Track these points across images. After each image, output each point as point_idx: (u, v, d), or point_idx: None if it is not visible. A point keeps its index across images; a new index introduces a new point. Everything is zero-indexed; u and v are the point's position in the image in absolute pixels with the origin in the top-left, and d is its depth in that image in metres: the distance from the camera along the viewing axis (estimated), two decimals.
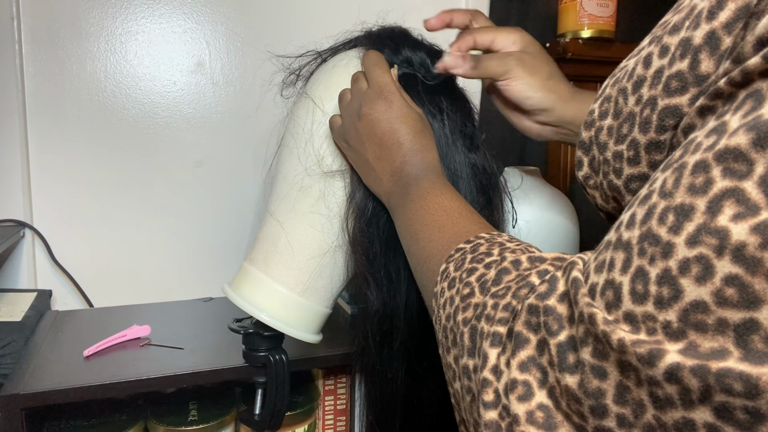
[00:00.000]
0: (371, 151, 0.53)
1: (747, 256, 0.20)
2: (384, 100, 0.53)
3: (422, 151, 0.52)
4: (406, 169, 0.51)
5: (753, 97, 0.22)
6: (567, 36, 1.13)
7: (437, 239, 0.44)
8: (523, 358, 0.29)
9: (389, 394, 0.62)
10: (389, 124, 0.52)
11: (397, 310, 0.59)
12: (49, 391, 0.66)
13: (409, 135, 0.52)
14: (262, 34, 1.06)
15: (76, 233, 1.00)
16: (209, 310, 0.98)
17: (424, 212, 0.46)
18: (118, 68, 0.99)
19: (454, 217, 0.45)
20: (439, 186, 0.49)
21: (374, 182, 0.54)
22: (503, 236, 0.40)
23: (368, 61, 0.57)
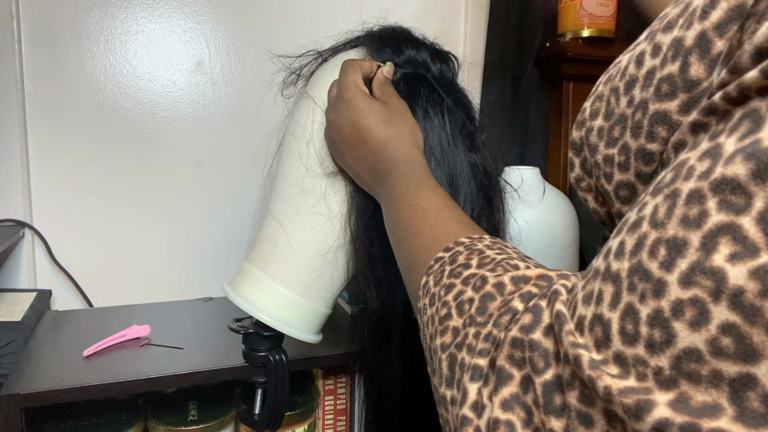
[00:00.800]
0: (347, 155, 0.53)
1: (745, 304, 0.19)
2: (342, 101, 0.53)
3: (389, 142, 0.50)
4: (379, 167, 0.50)
5: (750, 117, 0.21)
6: (567, 35, 1.13)
7: (416, 245, 0.42)
8: (506, 395, 0.27)
9: (387, 393, 0.62)
10: (350, 124, 0.52)
11: (395, 309, 0.59)
12: (49, 391, 0.66)
13: (372, 129, 0.51)
14: (262, 34, 1.06)
15: (75, 233, 1.00)
16: (209, 310, 0.98)
17: (402, 216, 0.44)
18: (117, 68, 0.99)
19: (432, 219, 0.42)
20: (413, 183, 0.46)
21: (362, 183, 0.54)
22: (484, 241, 0.38)
23: (340, 68, 0.57)
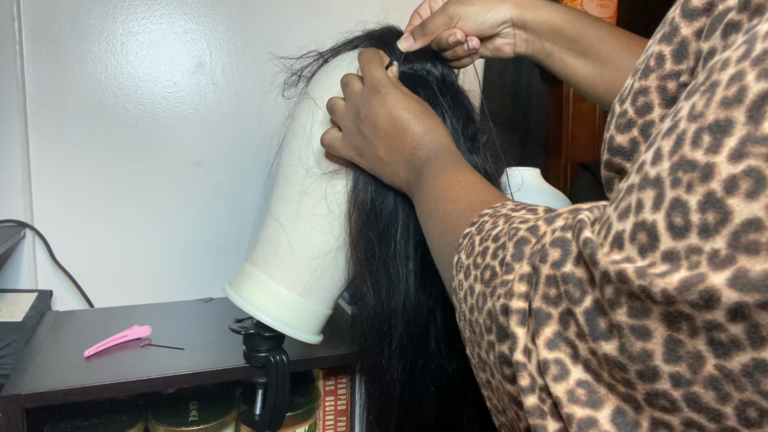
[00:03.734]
0: (381, 147, 0.53)
1: None
2: (378, 95, 0.53)
3: (429, 131, 0.51)
4: (418, 154, 0.51)
5: None
6: None
7: (452, 211, 0.42)
8: (548, 335, 0.27)
9: (388, 393, 0.62)
10: (388, 115, 0.52)
11: (395, 309, 0.59)
12: (50, 392, 0.66)
13: (412, 119, 0.52)
14: (262, 35, 1.06)
15: (76, 233, 1.00)
16: (210, 311, 0.98)
17: (439, 190, 0.46)
18: (118, 69, 0.99)
19: (468, 189, 0.43)
20: (451, 162, 0.48)
21: (392, 177, 0.54)
22: (507, 206, 0.38)
23: (362, 59, 0.57)
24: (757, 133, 0.20)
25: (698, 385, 0.21)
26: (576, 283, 0.26)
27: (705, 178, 0.21)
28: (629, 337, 0.23)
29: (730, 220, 0.20)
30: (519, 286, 0.30)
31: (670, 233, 0.22)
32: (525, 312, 0.29)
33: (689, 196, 0.21)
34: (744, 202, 0.20)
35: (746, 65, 0.21)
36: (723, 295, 0.20)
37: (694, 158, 0.21)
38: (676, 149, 0.22)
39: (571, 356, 0.26)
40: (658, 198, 0.23)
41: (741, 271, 0.20)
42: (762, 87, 0.20)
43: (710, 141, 0.21)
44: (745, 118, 0.20)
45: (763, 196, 0.19)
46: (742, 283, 0.19)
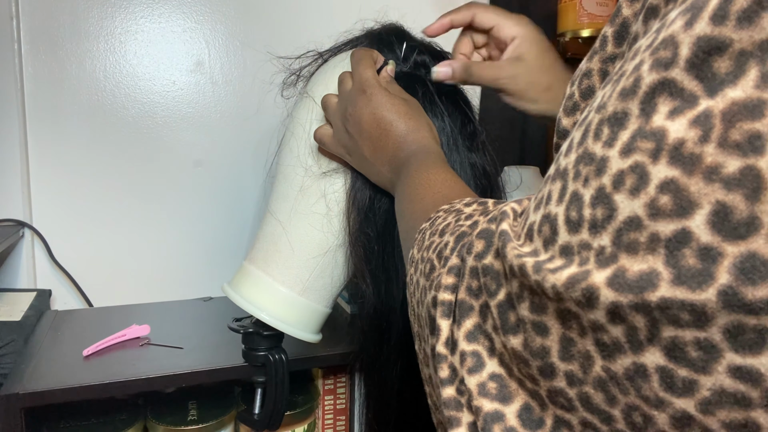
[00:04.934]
0: (366, 147, 0.53)
1: (685, 155, 0.18)
2: (363, 94, 0.53)
3: (411, 132, 0.51)
4: (399, 155, 0.51)
5: None
6: (567, 35, 1.13)
7: (417, 210, 0.42)
8: (469, 327, 0.27)
9: (388, 392, 0.62)
10: (372, 115, 0.52)
11: (394, 305, 0.59)
12: (49, 391, 0.66)
13: (395, 120, 0.52)
14: (261, 34, 1.06)
15: (75, 233, 1.00)
16: (209, 310, 0.98)
17: (410, 189, 0.45)
18: (117, 68, 0.99)
19: (435, 188, 0.43)
20: (428, 162, 0.47)
21: (377, 176, 0.55)
22: (463, 201, 0.38)
23: (353, 58, 0.57)
24: (647, 127, 0.19)
25: (589, 385, 0.21)
26: (494, 276, 0.25)
27: (599, 172, 0.20)
28: (530, 332, 0.23)
29: (615, 216, 0.20)
30: (447, 278, 0.29)
31: (566, 227, 0.22)
32: (451, 304, 0.29)
33: (585, 189, 0.21)
34: (627, 198, 0.19)
35: (646, 55, 0.20)
36: (601, 294, 0.20)
37: (593, 151, 0.21)
38: (582, 141, 0.22)
39: (488, 349, 0.26)
40: (563, 190, 0.22)
41: (620, 270, 0.19)
42: (653, 78, 0.19)
43: (608, 134, 0.21)
44: (638, 110, 0.20)
45: (643, 194, 0.19)
46: (619, 282, 0.19)
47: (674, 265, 0.18)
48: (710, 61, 0.18)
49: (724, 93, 0.18)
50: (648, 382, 0.19)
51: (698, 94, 0.18)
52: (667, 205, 0.18)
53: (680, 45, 0.18)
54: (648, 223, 0.19)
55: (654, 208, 0.19)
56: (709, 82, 0.18)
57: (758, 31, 0.17)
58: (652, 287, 0.18)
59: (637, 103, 0.20)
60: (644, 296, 0.19)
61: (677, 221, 0.18)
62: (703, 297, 0.17)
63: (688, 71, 0.18)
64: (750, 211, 0.17)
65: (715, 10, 0.18)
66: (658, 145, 0.19)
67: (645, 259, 0.19)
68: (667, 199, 0.18)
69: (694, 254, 0.18)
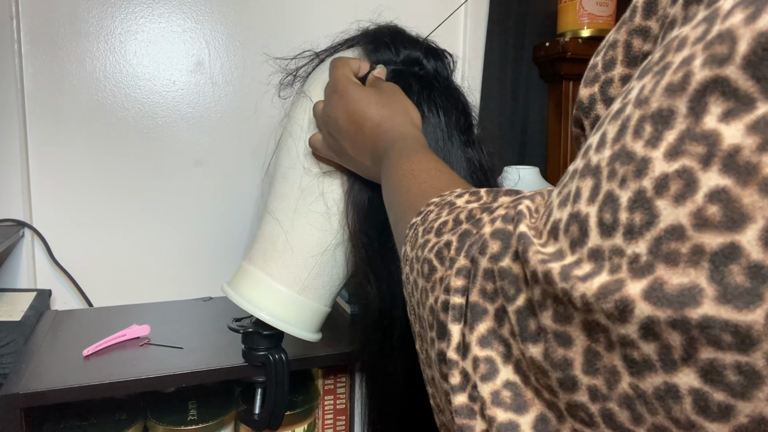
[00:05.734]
0: (347, 145, 0.54)
1: (740, 163, 0.17)
2: (336, 94, 0.53)
3: (385, 120, 0.51)
4: (378, 146, 0.51)
5: None
6: (567, 35, 1.13)
7: (404, 202, 0.41)
8: (482, 331, 0.25)
9: (390, 390, 0.62)
10: (345, 112, 0.53)
11: (396, 304, 0.59)
12: (49, 391, 0.66)
13: (367, 112, 0.52)
14: (262, 34, 1.06)
15: (75, 233, 1.00)
16: (209, 310, 0.98)
17: (394, 180, 0.45)
18: (117, 68, 0.99)
19: (421, 179, 0.42)
20: (407, 151, 0.46)
21: (366, 171, 0.55)
22: (454, 193, 0.36)
23: (330, 65, 0.58)
24: (697, 129, 0.18)
25: (614, 401, 0.20)
26: (512, 280, 0.24)
27: (639, 173, 0.19)
28: (552, 343, 0.22)
29: (655, 223, 0.18)
30: (456, 281, 0.28)
31: (599, 229, 0.20)
32: (462, 307, 0.27)
33: (621, 191, 0.20)
34: (671, 205, 0.18)
35: (698, 48, 0.18)
36: (636, 306, 0.18)
37: (633, 150, 0.20)
38: (619, 137, 0.20)
39: (503, 355, 0.25)
40: (595, 189, 0.21)
41: (658, 282, 0.18)
42: (705, 75, 0.18)
43: (651, 132, 0.19)
44: (687, 109, 0.18)
45: (690, 202, 0.18)
46: (657, 296, 0.18)
47: (719, 281, 0.17)
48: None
49: None
50: (679, 403, 0.18)
51: (755, 96, 0.17)
52: (715, 216, 0.17)
53: (738, 40, 0.17)
54: (692, 233, 0.17)
55: (701, 218, 0.17)
56: (767, 83, 0.16)
57: None
58: (694, 303, 0.17)
59: (686, 101, 0.18)
60: (684, 312, 0.17)
61: (726, 234, 0.17)
62: (749, 318, 0.16)
63: (744, 69, 0.17)
64: None
65: None
66: (710, 150, 0.17)
67: (686, 272, 0.18)
68: (717, 209, 0.17)
69: (743, 271, 0.17)
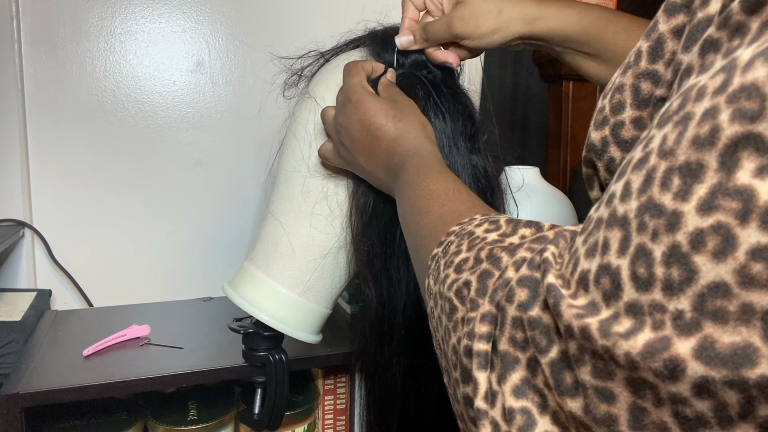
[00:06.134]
0: (361, 156, 0.53)
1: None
2: (350, 103, 0.52)
3: (401, 135, 0.50)
4: (393, 160, 0.50)
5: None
6: None
7: (424, 225, 0.41)
8: (515, 381, 0.25)
9: (389, 392, 0.62)
10: (361, 124, 0.52)
11: (395, 308, 0.59)
12: (49, 391, 0.66)
13: (383, 125, 0.51)
14: (261, 34, 1.06)
15: (75, 233, 1.00)
16: (209, 310, 0.98)
17: (413, 201, 0.44)
18: (117, 68, 0.99)
19: (440, 200, 0.42)
20: (424, 169, 0.46)
21: (378, 183, 0.54)
22: (474, 221, 0.36)
23: (344, 70, 0.56)
24: (729, 183, 0.18)
25: None
26: (543, 330, 0.24)
27: (671, 227, 0.19)
28: (593, 398, 0.22)
29: (696, 279, 0.18)
30: (480, 327, 0.28)
31: (633, 283, 0.20)
32: (487, 354, 0.27)
33: (654, 245, 0.20)
34: (711, 261, 0.18)
35: (721, 101, 0.18)
36: (689, 366, 0.18)
37: (662, 202, 0.20)
38: (645, 188, 0.20)
39: (539, 405, 0.25)
40: (624, 241, 0.21)
41: (708, 341, 0.18)
42: (736, 130, 0.18)
43: (679, 185, 0.19)
44: (717, 163, 0.18)
45: (731, 259, 0.17)
46: (709, 355, 0.18)
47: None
48: None
49: None
50: None
51: None
52: (762, 275, 0.17)
53: (767, 97, 0.17)
54: (739, 291, 0.17)
55: (746, 276, 0.17)
56: None
57: None
58: (750, 364, 0.17)
59: (716, 156, 0.18)
60: (741, 373, 0.17)
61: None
62: None
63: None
64: None
65: None
66: (746, 206, 0.17)
67: (737, 330, 0.17)
68: (762, 267, 0.17)
69: None
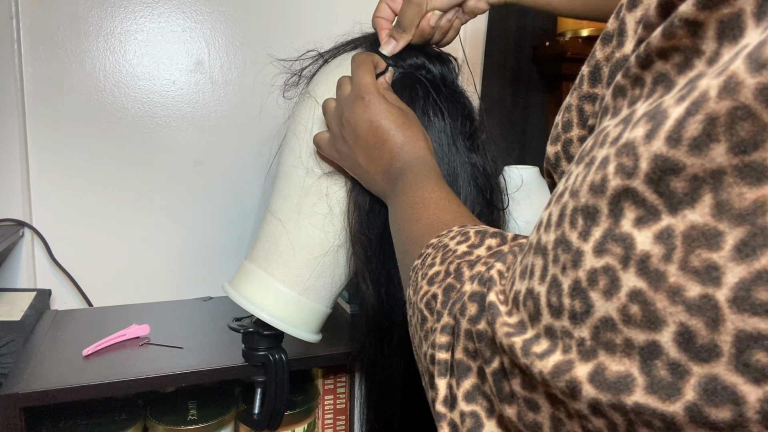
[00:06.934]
0: (361, 154, 0.53)
1: (651, 269, 0.19)
2: (361, 101, 0.52)
3: (407, 143, 0.51)
4: (395, 165, 0.51)
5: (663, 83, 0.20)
6: (567, 35, 1.13)
7: (413, 231, 0.43)
8: (467, 387, 0.28)
9: (389, 391, 0.62)
10: (369, 123, 0.52)
11: (395, 307, 0.59)
12: (48, 391, 0.66)
13: (392, 130, 0.52)
14: (261, 34, 1.06)
15: (75, 232, 1.00)
16: (209, 310, 0.98)
17: (406, 206, 0.46)
18: (117, 67, 0.99)
19: (431, 209, 0.43)
20: (422, 178, 0.47)
21: (371, 184, 0.54)
22: (450, 233, 0.38)
23: (353, 63, 0.56)
24: (616, 230, 0.20)
25: None
26: (488, 343, 0.26)
27: (575, 264, 0.21)
28: (523, 407, 0.24)
29: (592, 313, 0.20)
30: (440, 337, 0.30)
31: (549, 310, 0.22)
32: (447, 362, 0.30)
33: (563, 277, 0.22)
34: (602, 299, 0.20)
35: (612, 152, 0.20)
36: (584, 388, 0.20)
37: (570, 240, 0.22)
38: (560, 223, 0.22)
39: (487, 410, 0.27)
40: (544, 270, 0.23)
41: (601, 368, 0.20)
42: (617, 183, 0.20)
43: (582, 226, 0.21)
44: (608, 210, 0.20)
45: (615, 298, 0.19)
46: (600, 380, 0.20)
47: (648, 373, 0.19)
48: (667, 180, 0.18)
49: (683, 213, 0.18)
50: None
51: (660, 208, 0.19)
52: (637, 316, 0.19)
53: (640, 158, 0.19)
54: (622, 327, 0.19)
55: (626, 315, 0.19)
56: (668, 198, 0.18)
57: (708, 161, 0.17)
58: (628, 391, 0.19)
59: (606, 203, 0.20)
60: (621, 398, 0.19)
61: (648, 333, 0.19)
62: (671, 409, 0.18)
63: (648, 185, 0.19)
64: (711, 338, 0.17)
65: (670, 132, 0.18)
66: (627, 252, 0.19)
67: (622, 361, 0.19)
68: (637, 309, 0.19)
69: (665, 367, 0.18)
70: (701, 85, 0.18)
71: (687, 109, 0.18)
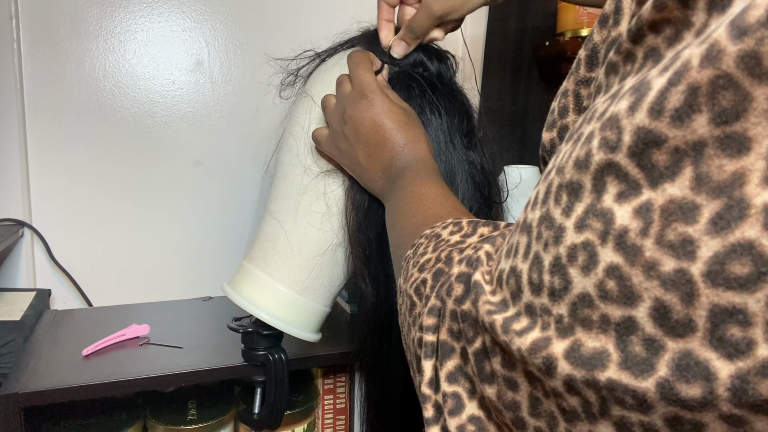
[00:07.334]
0: (361, 152, 0.53)
1: (628, 244, 0.18)
2: (365, 99, 0.53)
3: (409, 143, 0.52)
4: (395, 164, 0.51)
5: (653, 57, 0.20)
6: (566, 35, 1.13)
7: (408, 225, 0.43)
8: (450, 368, 0.28)
9: (389, 391, 0.62)
10: (372, 122, 0.52)
11: (394, 306, 0.59)
12: (48, 390, 0.66)
13: (394, 130, 0.52)
14: (261, 33, 1.06)
15: (75, 232, 1.00)
16: (208, 310, 0.98)
17: (403, 202, 0.46)
18: (116, 67, 0.99)
19: (427, 204, 0.44)
20: (421, 176, 0.48)
21: (369, 182, 0.54)
22: (445, 223, 0.38)
23: (351, 62, 0.56)
24: (598, 205, 0.20)
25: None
26: (471, 323, 0.26)
27: (556, 240, 0.21)
28: (503, 386, 0.24)
29: (570, 289, 0.20)
30: (427, 320, 0.30)
31: (529, 287, 0.22)
32: (433, 345, 0.29)
33: (545, 254, 0.22)
34: (580, 275, 0.20)
35: (597, 127, 0.20)
36: (559, 365, 0.20)
37: (553, 216, 0.21)
38: (546, 200, 0.22)
39: (469, 391, 0.27)
40: (527, 247, 0.23)
41: (577, 344, 0.20)
42: (601, 158, 0.19)
43: (566, 202, 0.21)
44: (591, 185, 0.20)
45: (593, 274, 0.19)
46: (575, 356, 0.20)
47: (623, 349, 0.19)
48: (649, 153, 0.18)
49: (663, 187, 0.18)
50: None
51: (641, 182, 0.18)
52: (613, 291, 0.19)
53: (623, 131, 0.19)
54: (598, 303, 0.19)
55: (603, 291, 0.19)
56: (650, 172, 0.18)
57: (690, 132, 0.17)
58: (602, 367, 0.19)
59: (590, 178, 0.20)
60: (594, 374, 0.19)
61: (624, 308, 0.19)
62: (643, 386, 0.18)
63: (631, 158, 0.19)
64: (686, 313, 0.17)
65: (652, 103, 0.18)
66: (606, 227, 0.19)
67: (598, 337, 0.19)
68: (614, 284, 0.19)
69: (641, 342, 0.18)
70: (684, 55, 0.18)
71: (669, 80, 0.18)
